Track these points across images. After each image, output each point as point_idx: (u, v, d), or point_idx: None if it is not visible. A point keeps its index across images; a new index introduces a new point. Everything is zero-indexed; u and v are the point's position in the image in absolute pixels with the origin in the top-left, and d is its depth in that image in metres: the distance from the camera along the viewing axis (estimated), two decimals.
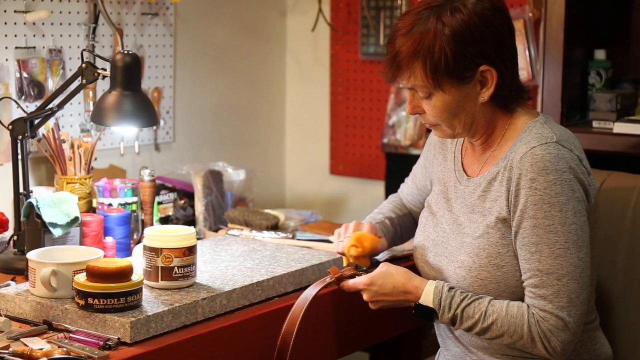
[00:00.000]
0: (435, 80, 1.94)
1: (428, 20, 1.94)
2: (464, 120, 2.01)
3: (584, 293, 1.93)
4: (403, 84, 2.00)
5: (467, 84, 1.97)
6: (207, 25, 3.28)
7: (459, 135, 2.06)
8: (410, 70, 1.96)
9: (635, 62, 2.91)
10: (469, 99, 1.99)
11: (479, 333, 1.99)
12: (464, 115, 2.00)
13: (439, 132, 2.06)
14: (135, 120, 2.30)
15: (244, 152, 3.45)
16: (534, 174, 1.93)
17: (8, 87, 2.63)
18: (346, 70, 3.48)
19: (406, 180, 2.40)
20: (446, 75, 1.94)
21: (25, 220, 2.30)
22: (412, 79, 1.97)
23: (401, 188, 2.42)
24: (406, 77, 1.97)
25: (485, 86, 1.98)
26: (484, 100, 1.99)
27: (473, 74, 1.96)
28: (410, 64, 1.95)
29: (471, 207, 2.05)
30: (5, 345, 1.82)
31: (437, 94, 1.97)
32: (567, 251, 1.92)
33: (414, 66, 1.95)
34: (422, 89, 1.97)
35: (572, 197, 1.92)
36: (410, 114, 2.05)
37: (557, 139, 1.96)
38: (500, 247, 1.99)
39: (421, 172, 2.31)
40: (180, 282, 2.07)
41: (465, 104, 1.99)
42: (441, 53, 1.92)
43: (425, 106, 2.00)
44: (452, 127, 2.02)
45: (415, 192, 2.35)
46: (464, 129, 2.03)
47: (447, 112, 1.99)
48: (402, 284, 2.05)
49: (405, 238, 2.39)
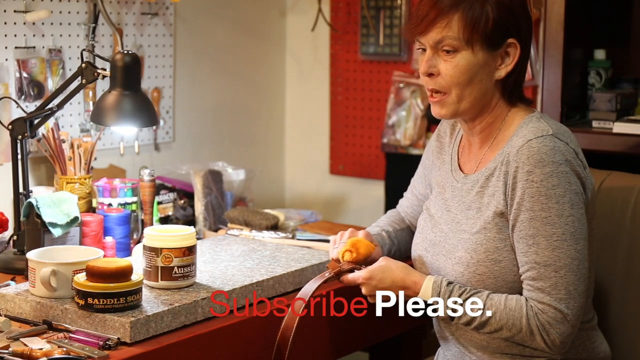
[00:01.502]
0: (470, 36, 1.95)
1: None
2: (475, 92, 2.00)
3: (582, 285, 1.93)
4: (431, 38, 1.98)
5: (493, 52, 1.98)
6: (207, 25, 3.28)
7: (463, 111, 2.02)
8: (448, 19, 1.96)
9: (635, 62, 2.91)
10: (487, 70, 1.99)
11: (478, 327, 1.99)
12: (477, 87, 1.99)
13: (444, 107, 2.02)
14: (135, 120, 2.30)
15: (243, 152, 3.45)
16: (530, 167, 1.93)
17: (8, 87, 2.63)
18: (346, 70, 3.48)
19: (405, 195, 2.39)
20: (481, 36, 1.95)
21: (25, 220, 2.30)
22: (447, 30, 1.96)
23: (400, 203, 2.40)
24: (441, 26, 1.96)
25: (505, 62, 2.00)
26: (500, 76, 2.00)
27: (502, 43, 1.98)
28: (451, 13, 1.95)
29: (468, 204, 2.05)
30: (5, 345, 1.82)
31: (463, 52, 1.97)
32: (565, 243, 1.92)
33: (454, 16, 1.95)
34: (452, 43, 1.96)
35: (568, 189, 1.93)
36: (423, 73, 2.01)
37: (553, 132, 1.97)
38: (498, 241, 1.99)
39: (421, 182, 2.30)
40: (180, 282, 2.07)
41: (483, 75, 1.99)
42: (483, 12, 1.95)
43: (445, 65, 1.98)
44: (461, 98, 2.00)
45: (415, 203, 2.33)
46: (471, 105, 2.01)
47: (465, 75, 1.98)
48: (400, 279, 2.05)
49: (403, 253, 2.34)
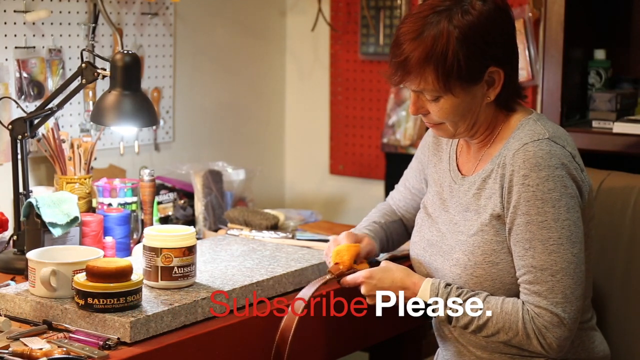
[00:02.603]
0: (447, 84, 1.93)
1: (439, 24, 1.91)
2: (468, 121, 2.01)
3: (578, 289, 1.93)
4: (411, 87, 1.98)
5: (475, 86, 1.96)
6: (207, 25, 3.28)
7: (460, 136, 2.06)
8: (421, 75, 1.94)
9: (635, 62, 2.91)
10: (476, 100, 1.99)
11: (475, 331, 1.99)
12: (469, 116, 2.00)
13: (440, 131, 2.06)
14: (135, 120, 2.30)
15: (243, 152, 3.45)
16: (526, 171, 1.93)
17: (8, 87, 2.63)
18: (346, 70, 3.48)
19: (396, 187, 2.38)
20: (457, 79, 1.93)
21: (25, 220, 2.29)
22: (422, 84, 1.95)
23: (391, 195, 2.40)
24: (416, 82, 1.95)
25: (492, 86, 1.98)
26: (490, 100, 1.99)
27: (482, 76, 1.96)
28: (422, 69, 1.93)
29: (466, 206, 2.05)
30: (5, 345, 1.82)
31: (445, 97, 1.96)
32: (561, 247, 1.92)
33: (425, 71, 1.93)
34: (431, 93, 1.96)
35: (564, 193, 1.93)
36: (413, 114, 2.03)
37: (549, 135, 1.96)
38: (495, 244, 1.99)
39: (415, 176, 2.30)
40: (180, 282, 2.07)
41: (472, 105, 1.99)
42: (454, 58, 1.91)
43: (432, 108, 1.99)
44: (456, 127, 2.02)
45: (409, 197, 2.34)
46: (466, 129, 2.03)
47: (454, 114, 1.98)
48: (400, 280, 2.05)
49: (396, 244, 2.36)
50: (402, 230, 2.35)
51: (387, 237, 2.32)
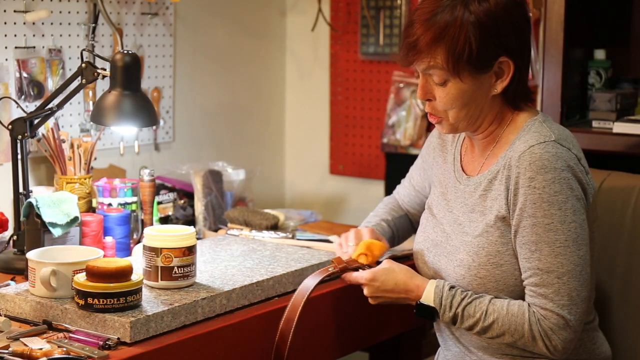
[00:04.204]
0: (456, 67, 1.93)
1: (455, 8, 1.93)
2: (472, 112, 2.00)
3: (584, 291, 1.93)
4: (420, 67, 1.99)
5: (484, 74, 1.97)
6: (207, 25, 3.28)
7: (462, 129, 2.05)
8: (431, 55, 1.94)
9: (635, 62, 2.91)
10: (482, 90, 1.98)
11: (480, 332, 1.99)
12: (474, 107, 2.00)
13: (441, 126, 2.05)
14: (135, 120, 2.30)
15: (243, 152, 3.45)
16: (532, 173, 1.93)
17: (8, 87, 2.63)
18: (346, 70, 3.48)
19: (402, 182, 2.40)
20: (467, 64, 1.93)
21: (25, 220, 2.29)
22: (432, 62, 1.95)
23: (397, 189, 2.41)
24: (426, 61, 1.96)
25: (500, 78, 1.98)
26: (497, 92, 1.99)
27: (492, 65, 1.96)
28: (433, 49, 1.94)
29: (471, 207, 2.05)
30: (5, 345, 1.82)
31: (453, 81, 1.96)
32: (567, 249, 1.92)
33: (436, 51, 1.94)
34: (440, 74, 1.96)
35: (570, 196, 1.93)
36: (420, 98, 2.03)
37: (555, 137, 1.96)
38: (500, 245, 1.99)
39: (419, 175, 2.31)
40: (180, 282, 2.07)
41: (478, 95, 1.98)
42: (466, 42, 1.92)
43: (438, 92, 1.99)
44: (458, 119, 2.01)
45: (412, 193, 2.35)
46: (469, 123, 2.02)
47: (459, 101, 1.98)
48: (403, 282, 2.05)
49: (401, 239, 2.38)
50: (407, 225, 2.37)
51: (394, 234, 2.35)
